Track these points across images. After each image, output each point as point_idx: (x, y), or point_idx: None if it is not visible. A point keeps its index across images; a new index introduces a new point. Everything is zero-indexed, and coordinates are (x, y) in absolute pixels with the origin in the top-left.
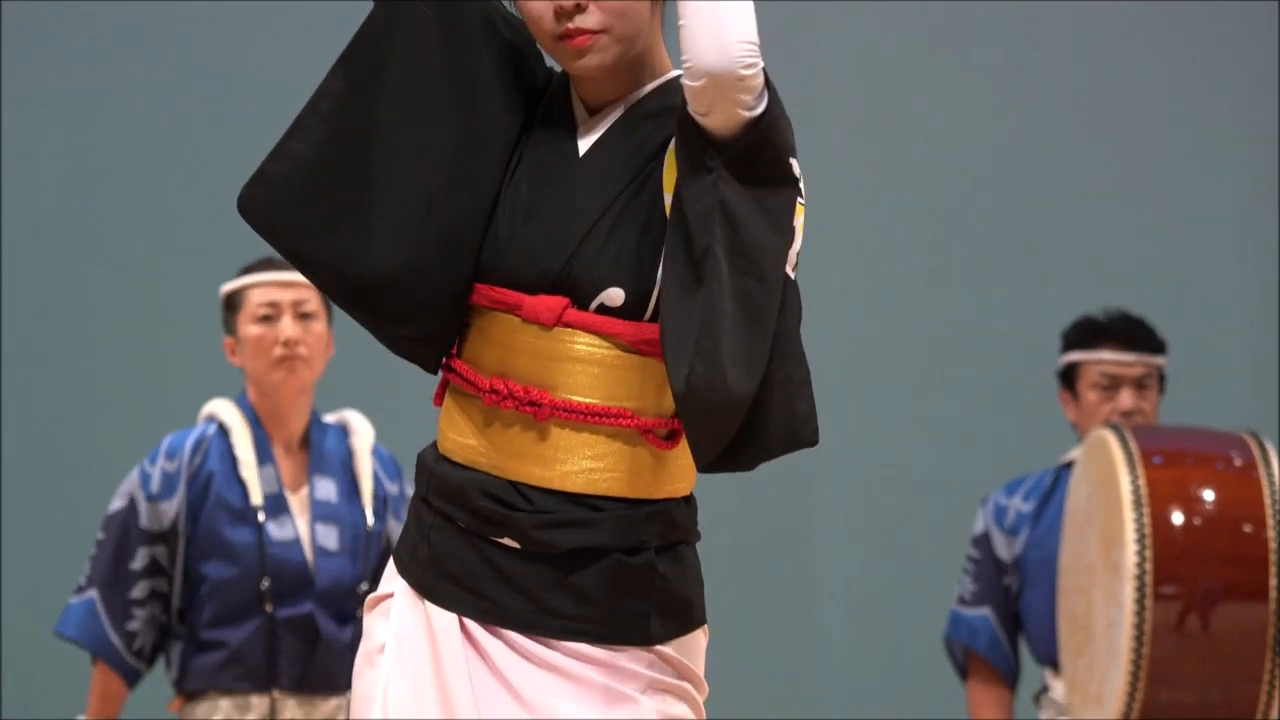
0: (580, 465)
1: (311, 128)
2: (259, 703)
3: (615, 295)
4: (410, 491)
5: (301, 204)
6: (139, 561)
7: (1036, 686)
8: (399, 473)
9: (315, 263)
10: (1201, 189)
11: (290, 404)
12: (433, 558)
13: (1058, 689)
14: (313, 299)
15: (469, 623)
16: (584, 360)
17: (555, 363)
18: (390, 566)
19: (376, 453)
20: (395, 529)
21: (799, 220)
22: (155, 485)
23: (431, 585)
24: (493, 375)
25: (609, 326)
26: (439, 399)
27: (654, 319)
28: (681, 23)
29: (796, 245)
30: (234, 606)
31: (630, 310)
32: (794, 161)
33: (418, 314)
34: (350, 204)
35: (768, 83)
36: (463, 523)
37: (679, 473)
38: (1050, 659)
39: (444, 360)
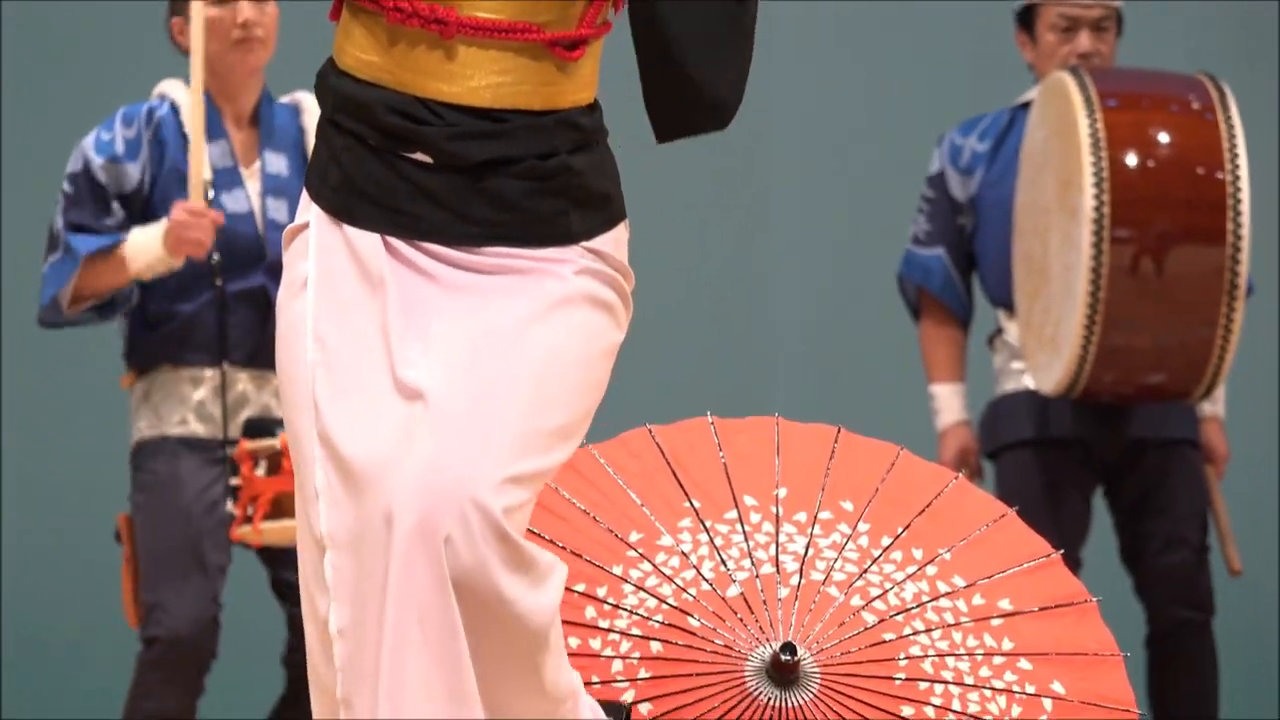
0: (487, 80)
1: None
2: (210, 375)
3: None
4: None
5: None
6: (114, 218)
7: (990, 328)
8: None
9: None
10: None
11: (243, 83)
12: (344, 180)
13: (1011, 330)
14: None
15: (391, 240)
16: None
17: None
18: (304, 196)
19: None
20: None
21: None
22: (120, 148)
23: (346, 206)
24: None
25: None
26: (335, 14)
27: None
28: None
29: None
30: (185, 280)
31: None
32: None
33: None
34: None
35: None
36: (373, 141)
37: (582, 81)
38: (1004, 300)
39: None
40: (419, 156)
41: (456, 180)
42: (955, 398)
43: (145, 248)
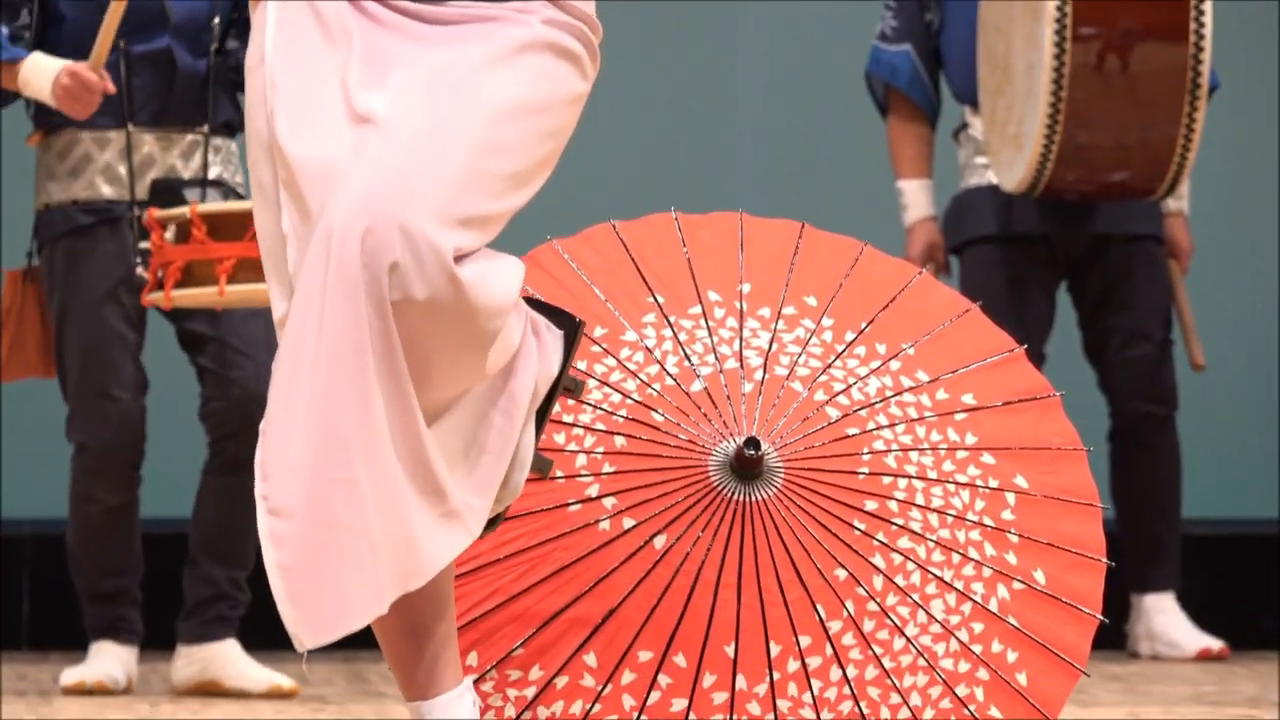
0: None
1: None
2: (116, 137)
3: None
4: None
5: None
6: (18, 23)
7: (956, 123)
8: None
9: None
10: None
11: None
12: None
13: (977, 126)
14: None
15: None
16: None
17: None
18: None
19: None
20: None
21: None
22: None
23: None
24: None
25: None
26: None
27: None
28: None
29: None
30: (90, 41)
31: None
32: None
33: None
34: None
35: None
36: None
37: None
38: (970, 97)
39: None
40: None
41: None
42: (923, 193)
43: (37, 80)
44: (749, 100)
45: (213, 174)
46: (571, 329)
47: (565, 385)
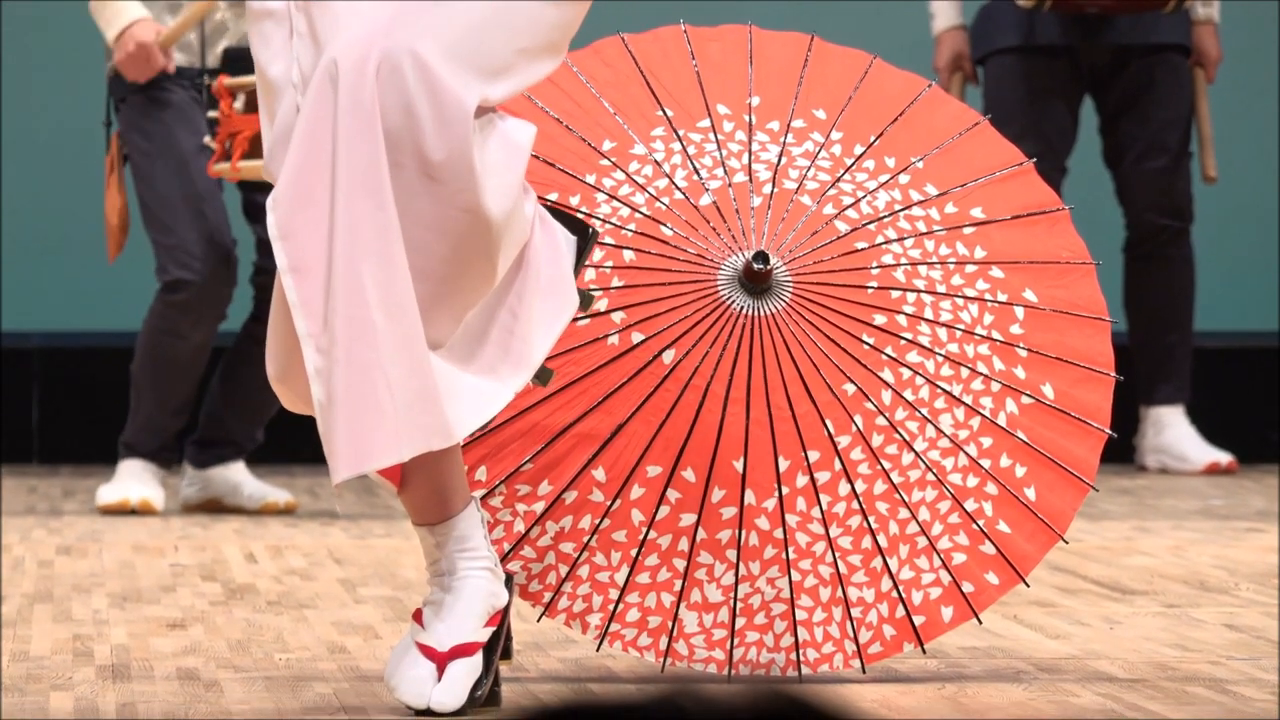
0: None
1: None
2: (188, 3)
3: None
4: None
5: None
6: None
7: None
8: None
9: None
10: None
11: None
12: None
13: None
14: None
15: None
16: None
17: None
18: None
19: None
20: None
21: None
22: None
23: None
24: None
25: None
26: None
27: None
28: None
29: None
30: None
31: None
32: None
33: None
34: None
35: None
36: None
37: None
38: None
39: None
40: None
41: None
42: (950, 2)
43: (111, 16)
44: None
45: None
46: (584, 237)
47: None
